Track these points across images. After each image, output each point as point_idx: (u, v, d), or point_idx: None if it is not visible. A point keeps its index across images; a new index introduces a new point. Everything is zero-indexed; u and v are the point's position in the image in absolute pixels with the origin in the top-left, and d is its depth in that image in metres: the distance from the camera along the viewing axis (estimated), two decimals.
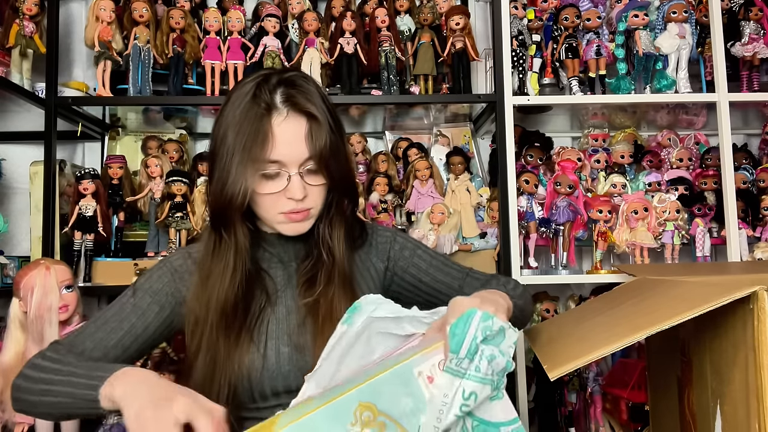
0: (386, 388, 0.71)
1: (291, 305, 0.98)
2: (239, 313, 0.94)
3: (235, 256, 0.95)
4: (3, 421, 1.34)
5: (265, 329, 0.96)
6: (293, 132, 0.91)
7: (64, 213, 1.72)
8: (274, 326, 0.96)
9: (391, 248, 1.08)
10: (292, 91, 0.92)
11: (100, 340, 0.92)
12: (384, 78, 1.77)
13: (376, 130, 2.09)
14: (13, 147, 1.97)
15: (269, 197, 0.93)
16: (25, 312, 1.35)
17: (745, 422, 0.84)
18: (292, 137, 0.91)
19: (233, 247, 0.95)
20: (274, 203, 0.93)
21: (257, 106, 0.91)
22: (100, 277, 1.70)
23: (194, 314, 0.95)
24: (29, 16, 1.70)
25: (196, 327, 0.95)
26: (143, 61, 1.72)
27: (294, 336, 0.96)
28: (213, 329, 0.93)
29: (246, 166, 0.90)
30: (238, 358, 0.92)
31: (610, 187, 1.79)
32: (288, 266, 1.02)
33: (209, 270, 0.96)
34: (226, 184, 0.91)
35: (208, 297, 0.94)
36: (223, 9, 1.84)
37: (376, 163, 1.86)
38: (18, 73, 1.70)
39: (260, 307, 0.97)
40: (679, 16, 1.77)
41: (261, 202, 0.94)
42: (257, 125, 0.90)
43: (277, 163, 0.91)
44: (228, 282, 0.94)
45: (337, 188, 0.97)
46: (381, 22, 1.79)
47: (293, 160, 0.91)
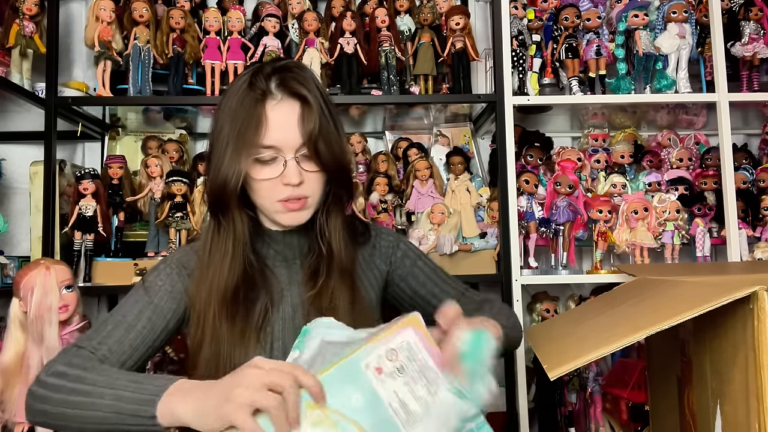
0: (333, 385, 0.69)
1: (296, 303, 0.98)
2: (241, 300, 0.94)
3: (234, 242, 0.95)
4: (3, 421, 1.34)
5: (270, 330, 0.96)
6: (286, 116, 0.92)
7: (64, 213, 1.72)
8: (279, 326, 0.96)
9: (394, 253, 1.08)
10: (285, 75, 0.94)
11: (125, 341, 0.91)
12: (384, 78, 1.77)
13: (376, 130, 2.09)
14: (13, 147, 1.97)
15: (266, 184, 0.93)
16: (25, 312, 1.35)
17: (745, 422, 0.84)
18: (285, 121, 0.92)
19: (232, 234, 0.95)
20: (271, 190, 0.93)
21: (253, 92, 0.92)
22: (100, 277, 1.70)
23: (197, 302, 0.95)
24: (29, 16, 1.70)
25: (199, 316, 0.95)
26: (143, 61, 1.72)
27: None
28: (216, 317, 0.93)
29: (240, 151, 0.91)
30: (244, 356, 0.90)
31: (610, 187, 1.79)
32: (292, 264, 1.02)
33: (209, 257, 0.96)
34: (221, 168, 0.92)
35: (209, 284, 0.94)
36: (223, 9, 1.84)
37: (376, 163, 1.86)
38: (18, 73, 1.71)
39: (265, 307, 0.96)
40: (679, 16, 1.77)
41: (258, 189, 0.94)
42: (252, 110, 0.91)
43: (272, 148, 0.91)
44: (228, 269, 0.94)
45: (333, 178, 0.97)
46: (381, 22, 1.79)
47: (288, 146, 0.92)
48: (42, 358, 1.31)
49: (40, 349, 1.31)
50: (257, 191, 0.95)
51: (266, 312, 0.96)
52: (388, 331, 0.73)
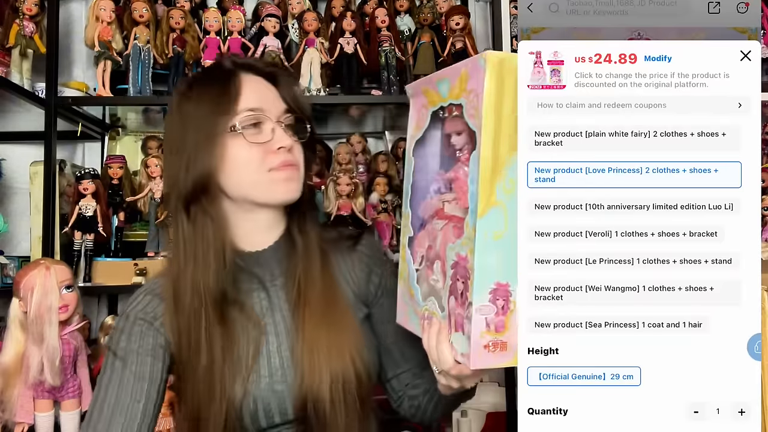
0: None
1: (281, 330, 0.90)
2: (232, 301, 0.87)
3: (215, 231, 0.87)
4: (3, 421, 1.34)
5: (257, 369, 0.87)
6: (265, 86, 0.90)
7: (64, 213, 1.72)
8: (265, 362, 0.88)
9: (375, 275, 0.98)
10: (253, 62, 0.94)
11: (132, 425, 0.82)
12: (384, 78, 1.77)
13: (376, 130, 2.09)
14: (13, 147, 1.97)
15: (254, 153, 0.85)
16: (25, 312, 1.35)
17: None
18: (265, 88, 0.90)
19: (211, 223, 0.87)
20: (260, 160, 0.86)
21: (222, 67, 0.91)
22: (100, 277, 1.70)
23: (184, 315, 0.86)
24: (29, 16, 1.70)
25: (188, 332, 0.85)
26: (143, 61, 1.72)
27: (288, 368, 0.88)
28: (209, 320, 0.85)
29: (217, 125, 0.85)
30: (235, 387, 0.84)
31: None
32: (271, 286, 0.93)
33: (185, 256, 0.87)
34: (198, 148, 0.84)
35: (197, 283, 0.85)
36: (223, 9, 1.84)
37: (376, 163, 1.86)
38: (18, 73, 1.70)
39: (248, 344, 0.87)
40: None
41: (245, 162, 0.86)
42: (225, 81, 0.87)
43: (255, 110, 0.86)
44: (213, 265, 0.85)
45: (309, 157, 0.93)
46: (381, 22, 1.79)
47: (272, 111, 0.88)
48: (42, 358, 1.30)
49: (40, 349, 1.31)
50: (242, 167, 0.86)
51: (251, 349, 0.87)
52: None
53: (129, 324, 0.88)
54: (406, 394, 0.99)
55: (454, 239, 0.70)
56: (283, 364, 0.88)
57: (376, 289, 0.98)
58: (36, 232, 1.74)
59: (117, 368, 0.86)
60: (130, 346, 0.86)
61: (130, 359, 0.86)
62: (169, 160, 0.91)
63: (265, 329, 0.89)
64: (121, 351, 0.86)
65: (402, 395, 1.00)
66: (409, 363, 0.98)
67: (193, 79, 0.94)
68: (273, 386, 0.87)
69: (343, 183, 1.72)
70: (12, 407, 1.33)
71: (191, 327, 0.86)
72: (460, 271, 0.68)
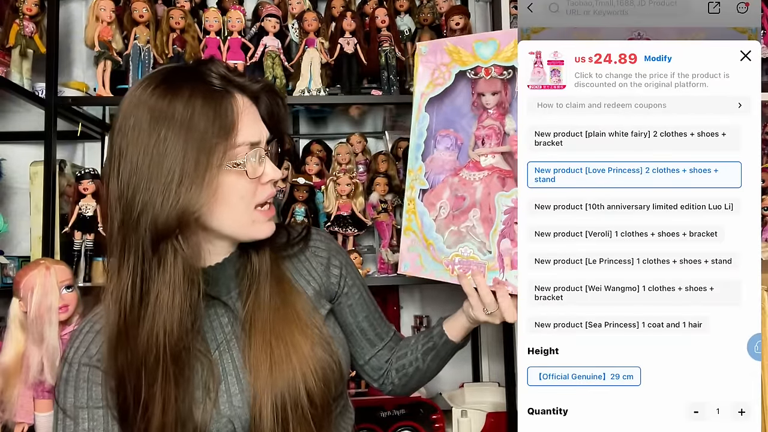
0: None
1: (239, 361, 0.83)
2: (191, 337, 0.78)
3: (186, 273, 0.76)
4: (3, 421, 1.34)
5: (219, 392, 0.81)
6: (255, 112, 0.83)
7: (64, 213, 1.72)
8: (224, 385, 0.81)
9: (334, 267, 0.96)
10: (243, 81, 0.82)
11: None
12: (384, 78, 1.77)
13: (376, 130, 2.09)
14: (13, 147, 1.97)
15: (249, 190, 0.80)
16: (25, 312, 1.35)
17: None
18: (255, 115, 0.83)
19: (182, 264, 0.76)
20: (249, 196, 0.80)
21: (211, 86, 0.78)
22: (100, 277, 1.70)
23: (132, 369, 0.76)
24: (29, 16, 1.70)
25: (136, 385, 0.76)
26: (143, 61, 1.72)
27: (248, 407, 0.81)
28: (166, 373, 0.75)
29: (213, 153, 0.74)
30: (196, 415, 0.78)
31: None
32: (228, 299, 0.87)
33: (142, 304, 0.77)
34: (185, 180, 0.73)
35: (155, 335, 0.75)
36: (223, 9, 1.84)
37: (376, 163, 1.86)
38: (18, 73, 1.70)
39: (205, 373, 0.80)
40: None
41: (238, 201, 0.79)
42: (217, 105, 0.76)
43: (253, 145, 0.79)
44: (178, 314, 0.75)
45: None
46: (381, 22, 1.79)
47: (263, 140, 0.82)
48: (42, 358, 1.30)
49: (40, 349, 1.31)
50: (235, 203, 0.79)
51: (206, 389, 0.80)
52: None
53: (73, 372, 0.81)
54: (392, 367, 1.00)
55: (501, 188, 0.75)
56: (243, 402, 0.82)
57: (339, 277, 0.96)
58: (36, 232, 1.74)
59: (69, 427, 0.79)
60: (79, 400, 0.79)
61: (80, 416, 0.79)
62: (132, 188, 0.75)
63: (221, 357, 0.83)
64: (70, 408, 0.79)
65: (385, 371, 1.01)
66: (383, 339, 1.01)
67: (172, 91, 0.78)
68: (233, 407, 0.81)
69: (343, 183, 1.72)
70: (12, 407, 1.33)
71: (141, 382, 0.76)
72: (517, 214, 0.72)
